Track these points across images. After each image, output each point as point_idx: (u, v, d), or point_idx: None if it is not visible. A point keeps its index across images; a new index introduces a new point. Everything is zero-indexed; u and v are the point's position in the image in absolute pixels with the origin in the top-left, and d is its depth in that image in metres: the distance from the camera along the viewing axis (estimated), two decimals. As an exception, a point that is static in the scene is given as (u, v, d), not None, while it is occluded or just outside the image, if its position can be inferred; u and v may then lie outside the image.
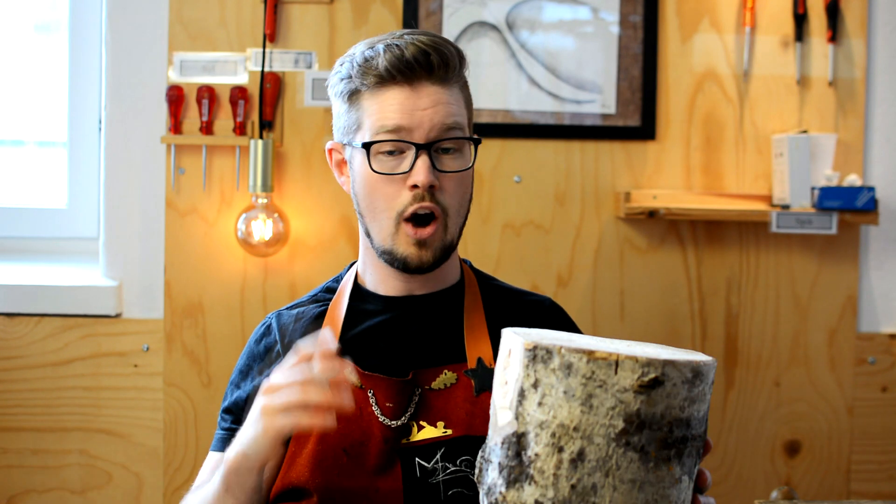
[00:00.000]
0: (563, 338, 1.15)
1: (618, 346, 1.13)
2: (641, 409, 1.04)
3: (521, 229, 2.44)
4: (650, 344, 1.18)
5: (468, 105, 1.49)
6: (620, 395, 1.04)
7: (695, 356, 1.09)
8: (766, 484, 2.47)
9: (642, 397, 1.04)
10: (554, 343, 1.07)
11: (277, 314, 1.56)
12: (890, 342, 2.49)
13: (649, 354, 1.06)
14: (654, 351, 1.11)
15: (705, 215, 2.38)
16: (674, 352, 1.13)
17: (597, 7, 2.43)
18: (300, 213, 2.40)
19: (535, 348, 1.06)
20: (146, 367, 2.42)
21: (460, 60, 1.46)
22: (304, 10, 2.39)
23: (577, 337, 1.18)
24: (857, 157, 2.45)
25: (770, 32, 2.44)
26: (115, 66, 2.42)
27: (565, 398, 1.05)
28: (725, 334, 2.47)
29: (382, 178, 1.42)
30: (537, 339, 1.09)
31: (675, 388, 1.05)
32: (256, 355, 1.54)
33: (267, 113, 2.37)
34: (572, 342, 1.10)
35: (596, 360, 1.03)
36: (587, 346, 1.07)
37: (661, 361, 1.03)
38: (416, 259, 1.44)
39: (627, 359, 1.03)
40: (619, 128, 2.43)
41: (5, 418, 2.43)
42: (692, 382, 1.05)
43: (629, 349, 1.10)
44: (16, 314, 2.42)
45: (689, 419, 1.07)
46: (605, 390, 1.04)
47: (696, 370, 1.06)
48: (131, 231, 2.44)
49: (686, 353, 1.12)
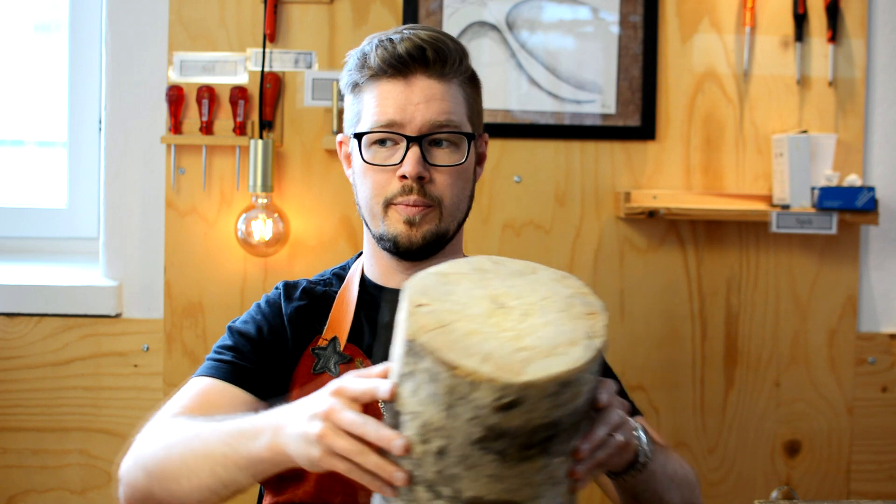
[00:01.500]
0: (472, 270, 1.14)
1: (522, 299, 1.11)
2: (500, 423, 1.03)
3: (521, 229, 2.44)
4: (563, 284, 1.14)
5: (470, 100, 1.50)
6: (478, 410, 1.03)
7: (576, 348, 1.05)
8: (766, 484, 2.47)
9: (499, 415, 1.03)
10: (428, 342, 1.04)
11: (285, 283, 1.58)
12: (890, 342, 2.49)
13: (521, 353, 1.03)
14: (537, 327, 1.07)
15: (705, 215, 2.38)
16: (563, 314, 1.09)
17: (597, 7, 2.43)
18: (300, 213, 2.40)
19: (412, 342, 1.05)
20: (146, 367, 2.42)
21: (460, 56, 1.47)
22: (304, 10, 2.39)
23: (493, 268, 1.16)
24: (857, 157, 2.45)
25: (770, 32, 2.44)
26: (115, 66, 2.42)
27: (431, 399, 1.05)
28: (725, 334, 2.47)
29: (374, 167, 1.45)
30: (423, 320, 1.06)
31: (537, 404, 1.03)
32: (264, 310, 1.55)
33: (267, 113, 2.37)
34: (476, 293, 1.09)
35: (456, 376, 1.02)
36: (460, 336, 1.04)
37: (517, 386, 1.01)
38: (406, 238, 1.45)
39: (486, 381, 1.01)
40: (619, 128, 2.43)
41: (5, 418, 2.43)
42: (557, 393, 1.03)
43: (515, 331, 1.06)
44: (16, 314, 2.42)
45: (556, 421, 1.06)
46: (465, 403, 1.03)
47: (564, 382, 1.02)
48: (131, 231, 2.44)
49: (577, 323, 1.08)
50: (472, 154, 1.49)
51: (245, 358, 1.48)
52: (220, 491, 1.27)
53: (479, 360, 1.01)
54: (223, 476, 1.25)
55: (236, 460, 1.23)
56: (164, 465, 1.31)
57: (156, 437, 1.36)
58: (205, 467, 1.26)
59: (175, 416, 1.39)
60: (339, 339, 1.50)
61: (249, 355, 1.48)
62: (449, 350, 1.02)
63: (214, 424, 1.29)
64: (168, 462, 1.31)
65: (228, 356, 1.48)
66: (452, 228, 1.49)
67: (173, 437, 1.33)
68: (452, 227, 1.49)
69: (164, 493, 1.32)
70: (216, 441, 1.26)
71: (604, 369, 1.58)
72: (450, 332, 1.05)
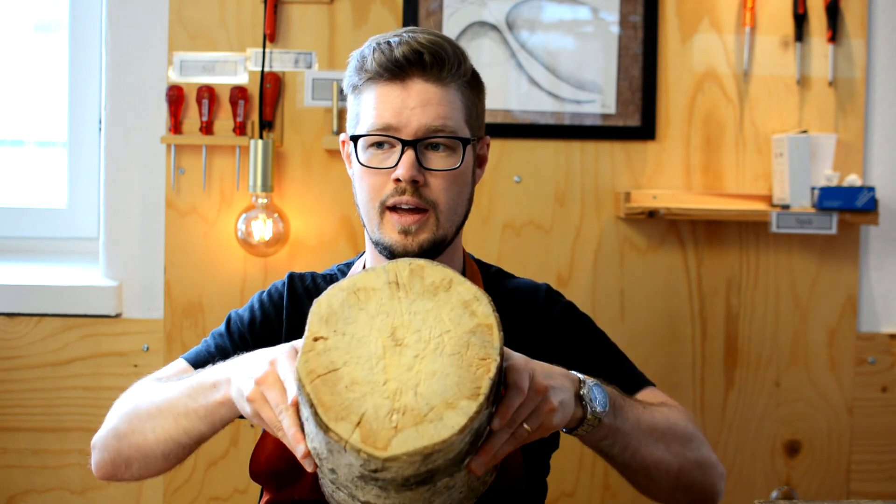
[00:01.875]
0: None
1: (420, 333, 1.14)
2: (373, 475, 1.09)
3: (521, 229, 2.44)
4: (469, 310, 1.16)
5: (469, 104, 1.49)
6: (352, 464, 1.09)
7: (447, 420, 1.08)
8: (766, 484, 2.47)
9: (371, 472, 1.09)
10: (312, 393, 1.10)
11: (291, 276, 1.61)
12: (890, 342, 2.49)
13: (394, 417, 1.08)
14: (423, 375, 1.11)
15: (705, 215, 2.38)
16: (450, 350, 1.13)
17: (597, 7, 2.43)
18: (300, 213, 2.40)
19: (301, 385, 1.11)
20: (146, 367, 2.42)
21: (459, 60, 1.47)
22: (304, 10, 2.39)
23: (407, 282, 1.19)
24: (857, 157, 2.45)
25: (770, 32, 2.44)
26: (115, 66, 2.42)
27: (316, 435, 1.12)
28: (725, 334, 2.47)
29: (370, 170, 1.46)
30: (314, 362, 1.13)
31: (404, 468, 1.07)
32: (265, 303, 1.59)
33: (267, 113, 2.37)
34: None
35: (328, 435, 1.08)
36: (331, 398, 1.10)
37: (381, 459, 1.05)
38: (401, 248, 1.46)
39: (351, 448, 1.06)
40: (619, 128, 2.43)
41: (5, 418, 2.43)
42: (425, 459, 1.07)
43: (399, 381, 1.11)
44: (16, 314, 2.42)
45: (431, 470, 1.10)
46: (341, 455, 1.09)
47: (429, 453, 1.06)
48: (131, 231, 2.44)
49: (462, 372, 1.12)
50: (468, 158, 1.48)
51: (226, 354, 1.51)
52: (183, 441, 1.37)
53: (351, 426, 1.07)
54: (186, 426, 1.35)
55: (196, 409, 1.33)
56: (132, 422, 1.41)
57: (125, 401, 1.46)
58: (169, 418, 1.36)
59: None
60: None
61: (231, 351, 1.52)
62: (328, 408, 1.08)
63: (177, 382, 1.39)
64: (135, 418, 1.41)
65: (213, 346, 1.56)
66: (451, 233, 1.49)
67: (140, 397, 1.43)
68: (451, 232, 1.49)
69: (132, 451, 1.41)
70: (178, 394, 1.36)
71: (606, 348, 1.60)
72: (335, 382, 1.11)
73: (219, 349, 1.55)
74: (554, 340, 1.55)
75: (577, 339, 1.57)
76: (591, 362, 1.53)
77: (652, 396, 1.53)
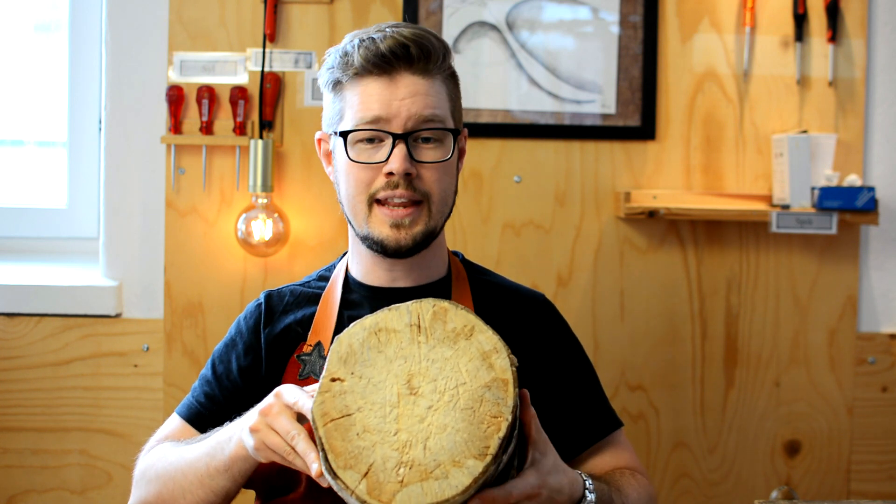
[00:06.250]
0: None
1: (436, 382, 1.17)
2: None
3: (521, 229, 2.44)
4: (488, 363, 1.18)
5: (453, 96, 1.51)
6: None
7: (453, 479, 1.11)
8: (766, 484, 2.47)
9: None
10: (325, 437, 1.14)
11: (268, 294, 1.60)
12: (890, 342, 2.49)
13: (401, 471, 1.12)
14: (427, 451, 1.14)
15: (705, 215, 2.38)
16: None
17: (597, 7, 2.43)
18: (300, 213, 2.40)
19: (314, 425, 1.16)
20: (146, 367, 2.42)
21: (444, 52, 1.48)
22: (304, 10, 2.39)
23: (429, 326, 1.21)
24: (857, 157, 2.45)
25: (770, 32, 2.44)
26: (115, 66, 2.42)
27: (325, 474, 1.16)
28: (725, 334, 2.47)
29: (359, 165, 1.45)
30: (328, 405, 1.17)
31: None
32: (243, 331, 1.59)
33: (267, 113, 2.37)
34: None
35: (336, 481, 1.12)
36: (346, 455, 1.14)
37: None
38: (394, 241, 1.46)
39: (357, 498, 1.10)
40: (619, 128, 2.43)
41: (5, 418, 2.43)
42: None
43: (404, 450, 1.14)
44: (16, 314, 2.42)
45: None
46: (348, 497, 1.13)
47: None
48: (131, 231, 2.44)
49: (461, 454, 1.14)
50: (456, 149, 1.49)
51: (214, 401, 1.55)
52: (213, 500, 1.38)
53: (359, 477, 1.11)
54: (211, 485, 1.37)
55: (216, 466, 1.35)
56: (161, 492, 1.42)
57: (147, 469, 1.47)
58: (194, 482, 1.38)
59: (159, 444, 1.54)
60: (323, 344, 1.51)
61: (219, 398, 1.55)
62: (338, 454, 1.13)
63: (194, 444, 1.43)
64: (163, 487, 1.42)
65: (202, 395, 1.56)
66: (440, 225, 1.50)
67: (161, 463, 1.44)
68: (440, 224, 1.50)
69: None
70: (198, 455, 1.38)
71: (588, 381, 1.62)
72: (347, 428, 1.14)
73: (208, 398, 1.56)
74: (540, 353, 1.55)
75: (562, 362, 1.58)
76: (570, 390, 1.55)
77: (619, 453, 1.57)
